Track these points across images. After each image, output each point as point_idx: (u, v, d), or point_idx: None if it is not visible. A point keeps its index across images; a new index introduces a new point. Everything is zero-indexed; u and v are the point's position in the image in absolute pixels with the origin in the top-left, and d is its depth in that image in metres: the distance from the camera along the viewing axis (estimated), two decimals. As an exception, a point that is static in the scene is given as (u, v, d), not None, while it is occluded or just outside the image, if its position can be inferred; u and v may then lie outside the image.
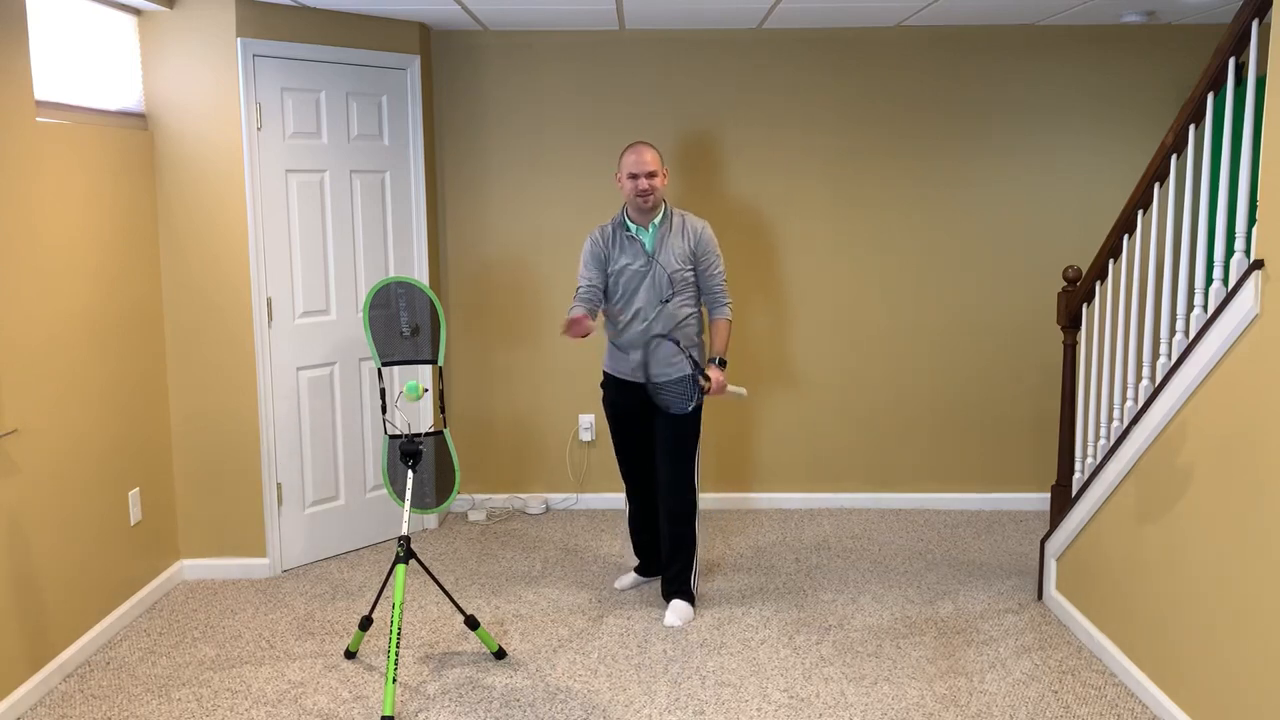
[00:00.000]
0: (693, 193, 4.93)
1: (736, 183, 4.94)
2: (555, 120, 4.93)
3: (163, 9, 3.95)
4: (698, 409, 3.77)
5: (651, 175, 3.68)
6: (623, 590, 4.12)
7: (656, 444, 3.88)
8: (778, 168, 4.94)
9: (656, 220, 3.77)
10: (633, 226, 3.78)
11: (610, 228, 3.83)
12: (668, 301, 3.76)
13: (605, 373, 3.97)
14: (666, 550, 3.90)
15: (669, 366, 3.77)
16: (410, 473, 3.39)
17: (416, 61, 4.60)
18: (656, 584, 4.16)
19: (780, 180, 4.95)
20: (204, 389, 4.19)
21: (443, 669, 3.49)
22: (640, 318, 3.79)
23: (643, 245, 3.76)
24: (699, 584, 4.06)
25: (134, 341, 3.93)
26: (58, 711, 3.22)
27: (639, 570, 4.19)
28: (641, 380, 3.74)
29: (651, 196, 3.69)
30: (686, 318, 3.79)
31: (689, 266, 3.78)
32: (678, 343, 3.70)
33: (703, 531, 4.67)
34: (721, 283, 3.82)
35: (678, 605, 3.86)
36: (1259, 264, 2.66)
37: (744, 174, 4.94)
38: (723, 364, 3.73)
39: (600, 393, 4.03)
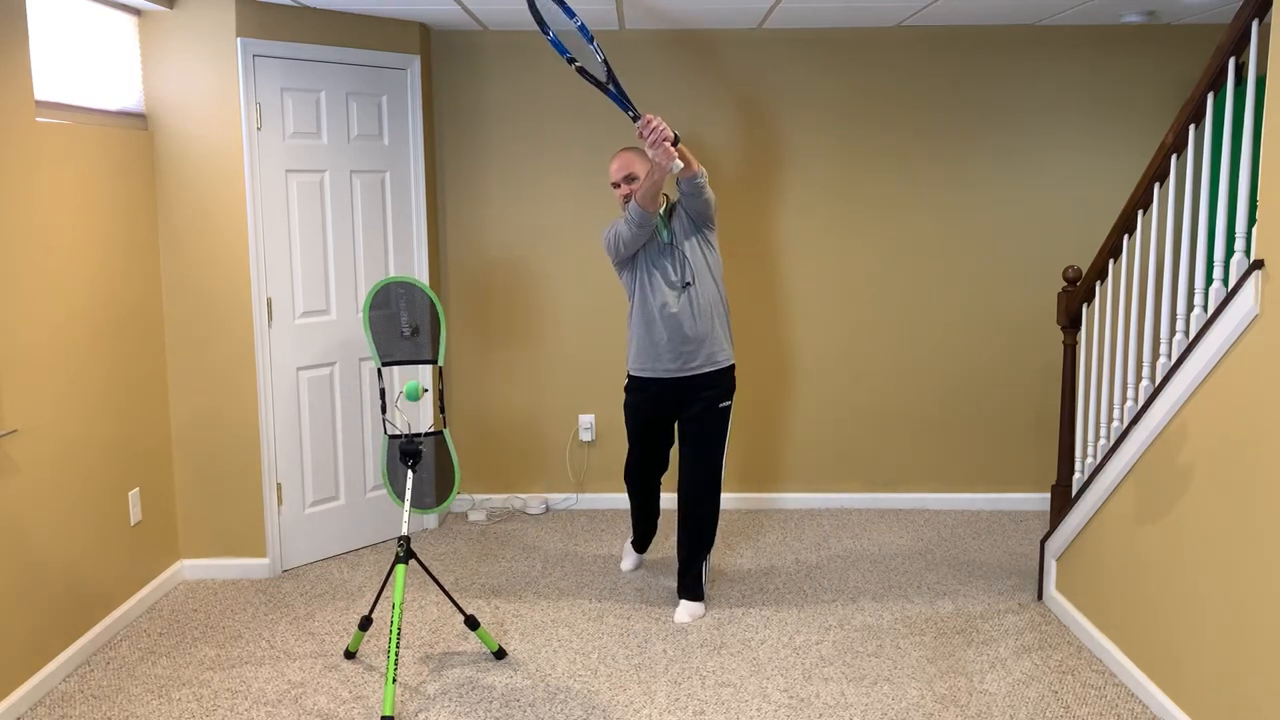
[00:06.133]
0: (693, 193, 4.93)
1: (736, 182, 4.94)
2: (555, 120, 4.92)
3: (163, 9, 3.95)
4: (727, 410, 3.82)
5: (630, 179, 3.71)
6: (629, 571, 4.31)
7: (684, 440, 3.88)
8: (778, 167, 4.94)
9: (662, 211, 3.76)
10: None
11: None
12: (689, 285, 3.73)
13: (631, 375, 3.93)
14: (685, 549, 3.90)
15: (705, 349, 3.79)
16: (410, 473, 3.40)
17: (416, 61, 4.60)
18: (657, 579, 4.17)
19: (780, 180, 4.95)
20: (204, 389, 4.19)
21: (443, 669, 3.49)
22: (668, 306, 3.75)
23: (658, 229, 3.76)
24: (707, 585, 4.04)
25: (134, 342, 3.93)
26: (58, 711, 3.22)
27: (636, 546, 4.32)
28: (675, 371, 3.77)
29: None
30: (713, 302, 3.77)
31: (694, 236, 3.74)
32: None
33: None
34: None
35: (688, 605, 3.88)
36: (1259, 264, 2.66)
37: (744, 173, 4.94)
38: (676, 140, 3.52)
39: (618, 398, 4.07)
